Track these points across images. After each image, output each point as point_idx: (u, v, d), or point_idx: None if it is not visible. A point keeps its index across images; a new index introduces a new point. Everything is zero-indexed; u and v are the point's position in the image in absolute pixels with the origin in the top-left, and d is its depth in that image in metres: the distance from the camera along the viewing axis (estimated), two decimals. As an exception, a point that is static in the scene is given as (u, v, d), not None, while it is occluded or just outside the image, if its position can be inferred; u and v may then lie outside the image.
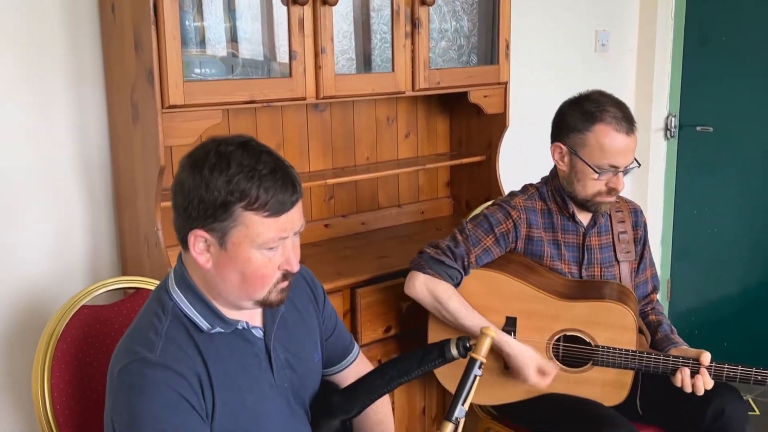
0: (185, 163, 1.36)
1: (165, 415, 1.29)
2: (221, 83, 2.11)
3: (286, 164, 1.37)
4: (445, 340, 1.49)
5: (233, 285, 1.38)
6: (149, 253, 2.13)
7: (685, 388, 2.01)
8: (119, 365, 1.34)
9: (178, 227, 1.38)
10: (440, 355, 1.49)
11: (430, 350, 1.50)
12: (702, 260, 3.83)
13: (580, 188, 2.14)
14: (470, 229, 2.16)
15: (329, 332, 1.65)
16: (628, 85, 3.72)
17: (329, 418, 1.56)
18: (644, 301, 2.32)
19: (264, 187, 1.32)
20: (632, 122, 2.10)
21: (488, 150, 2.90)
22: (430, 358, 1.49)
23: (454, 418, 1.42)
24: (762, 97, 3.51)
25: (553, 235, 2.20)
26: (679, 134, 3.78)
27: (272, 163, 1.34)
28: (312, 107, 2.63)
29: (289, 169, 1.37)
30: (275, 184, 1.33)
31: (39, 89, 2.12)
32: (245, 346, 1.44)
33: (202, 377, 1.35)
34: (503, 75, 2.73)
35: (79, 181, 2.21)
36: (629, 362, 2.05)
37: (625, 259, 2.26)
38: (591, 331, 2.08)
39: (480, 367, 1.44)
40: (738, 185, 3.64)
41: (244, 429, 1.40)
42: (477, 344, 1.45)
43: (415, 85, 2.49)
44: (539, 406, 2.14)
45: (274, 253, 1.37)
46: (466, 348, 1.47)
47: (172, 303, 1.40)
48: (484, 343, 1.45)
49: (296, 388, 1.52)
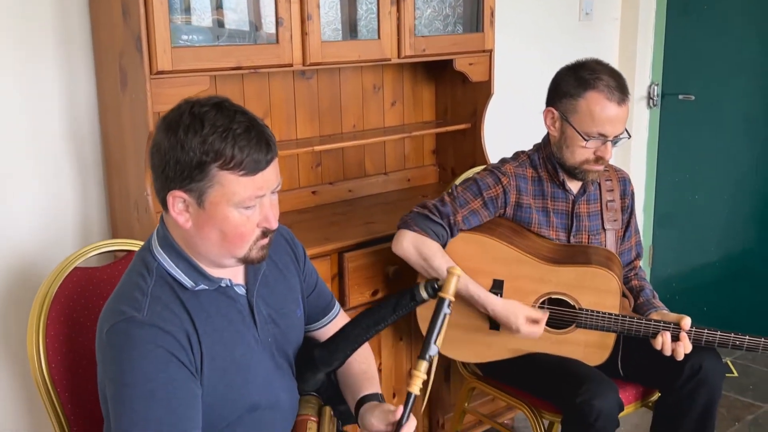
0: (160, 126, 1.39)
1: (155, 373, 1.32)
2: (208, 49, 2.12)
3: (261, 123, 1.39)
4: (415, 285, 1.53)
5: (214, 243, 1.41)
6: (139, 217, 2.15)
7: (665, 352, 2.06)
8: (107, 326, 1.36)
9: (157, 189, 1.41)
10: (412, 299, 1.52)
11: (403, 295, 1.53)
12: (683, 227, 3.89)
13: (568, 155, 2.17)
14: (459, 191, 2.20)
15: (310, 289, 1.69)
16: (611, 54, 3.75)
17: (313, 372, 1.61)
18: (627, 267, 2.37)
19: (239, 146, 1.34)
20: (625, 92, 2.12)
21: (473, 118, 2.93)
22: (403, 303, 1.53)
23: (428, 356, 1.46)
24: (742, 65, 3.56)
25: (543, 202, 2.24)
26: (661, 103, 3.83)
27: (246, 122, 1.36)
28: (299, 75, 2.65)
29: (263, 128, 1.39)
30: (249, 143, 1.35)
31: (27, 57, 2.12)
32: (229, 303, 1.48)
33: (189, 333, 1.39)
34: (488, 43, 2.76)
35: (68, 147, 2.23)
36: (611, 325, 2.10)
37: (612, 227, 2.30)
38: (575, 295, 2.13)
39: (449, 306, 1.47)
40: (719, 153, 3.69)
41: (232, 382, 1.44)
42: (444, 284, 1.48)
43: (400, 52, 2.51)
44: (523, 364, 2.19)
45: (252, 212, 1.40)
46: (434, 289, 1.50)
47: (156, 263, 1.43)
48: (452, 283, 1.48)
49: (280, 343, 1.56)
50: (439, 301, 1.49)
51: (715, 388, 2.12)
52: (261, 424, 1.50)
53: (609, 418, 1.99)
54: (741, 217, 3.68)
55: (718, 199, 3.74)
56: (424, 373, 1.47)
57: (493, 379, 2.35)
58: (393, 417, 1.48)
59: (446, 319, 1.49)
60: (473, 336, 2.21)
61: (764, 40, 3.48)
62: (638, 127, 3.83)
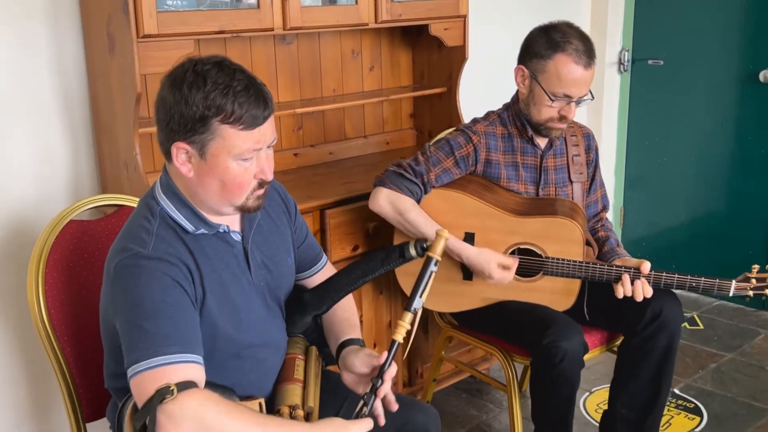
0: (165, 82, 1.49)
1: (161, 295, 1.43)
2: (192, 13, 2.21)
3: (259, 82, 1.51)
4: (405, 242, 1.64)
5: (214, 192, 1.52)
6: (129, 176, 2.25)
7: (626, 293, 2.20)
8: (114, 261, 1.47)
9: (162, 141, 1.52)
10: (401, 255, 1.64)
11: (392, 251, 1.66)
12: (653, 188, 4.03)
13: (535, 112, 2.29)
14: (432, 151, 2.32)
15: (300, 241, 1.81)
16: (583, 21, 3.86)
17: (302, 315, 1.73)
18: (594, 219, 2.50)
19: (238, 102, 1.45)
20: (592, 56, 2.24)
21: (449, 82, 3.03)
22: (391, 258, 1.65)
23: (413, 309, 1.59)
24: (709, 31, 3.68)
25: (513, 157, 2.36)
26: (631, 68, 3.95)
27: (246, 80, 1.48)
28: (279, 40, 2.74)
29: (261, 86, 1.50)
30: (248, 99, 1.46)
31: (17, 25, 2.21)
32: (226, 248, 1.59)
33: (191, 268, 1.50)
34: (462, 8, 2.86)
35: (59, 110, 2.32)
36: (576, 272, 2.24)
37: (578, 180, 2.43)
38: (542, 244, 2.26)
39: (435, 264, 1.60)
40: (686, 116, 3.82)
41: (228, 318, 1.56)
42: (433, 245, 1.61)
43: (377, 17, 2.61)
44: (495, 312, 2.33)
45: (250, 164, 1.51)
46: (423, 248, 1.63)
47: (159, 208, 1.54)
48: (439, 244, 1.60)
49: (271, 287, 1.68)
50: (427, 259, 1.61)
51: (675, 331, 2.26)
52: (254, 358, 1.62)
53: (574, 358, 2.13)
54: (708, 178, 3.81)
55: (685, 161, 3.87)
56: (408, 324, 1.60)
57: (467, 328, 2.49)
58: (376, 362, 1.60)
59: (432, 276, 1.61)
60: (448, 287, 2.34)
61: (729, 6, 3.60)
62: (610, 92, 3.96)
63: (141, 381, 1.39)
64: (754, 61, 3.54)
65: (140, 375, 1.39)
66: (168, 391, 1.35)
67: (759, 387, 3.00)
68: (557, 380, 2.14)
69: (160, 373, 1.38)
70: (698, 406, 2.88)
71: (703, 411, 2.85)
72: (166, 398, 1.35)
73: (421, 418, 1.75)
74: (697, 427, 2.76)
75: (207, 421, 1.36)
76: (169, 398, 1.35)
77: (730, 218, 3.77)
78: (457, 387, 3.01)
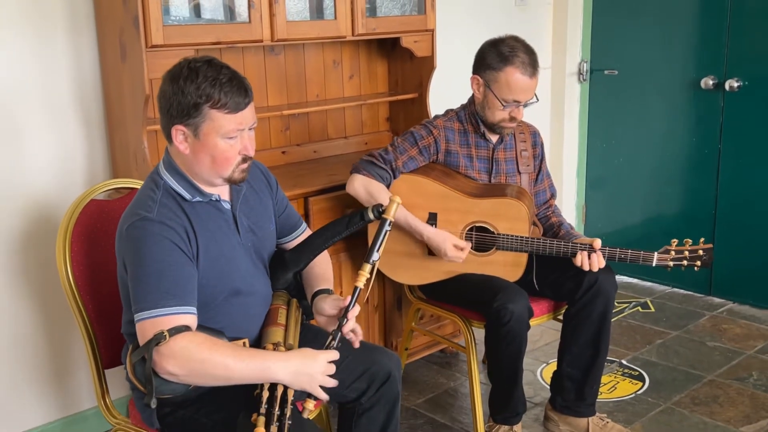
0: (165, 77, 1.86)
1: (162, 256, 1.78)
2: (193, 27, 2.58)
3: (240, 76, 1.86)
4: (364, 207, 2.01)
5: (206, 165, 1.86)
6: (137, 166, 2.61)
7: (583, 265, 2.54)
8: (126, 224, 1.82)
9: (163, 125, 1.87)
10: (361, 218, 2.00)
11: (354, 215, 2.02)
12: (611, 188, 4.40)
13: (489, 114, 2.67)
14: (399, 142, 2.69)
15: (281, 211, 2.16)
16: (545, 35, 4.24)
17: (284, 272, 2.08)
18: (545, 206, 2.86)
19: (224, 91, 1.80)
20: (536, 67, 2.62)
21: (420, 88, 3.41)
22: (354, 221, 2.01)
23: (371, 261, 1.94)
24: (659, 43, 4.05)
25: (468, 149, 2.73)
26: (590, 77, 4.33)
27: (230, 74, 1.83)
28: (268, 51, 3.11)
29: (242, 79, 1.85)
30: (232, 89, 1.81)
31: (41, 34, 2.57)
32: (218, 213, 1.94)
33: (188, 230, 1.85)
34: (430, 23, 3.24)
35: (76, 109, 2.68)
36: (523, 246, 2.59)
37: (525, 171, 2.80)
38: (494, 222, 2.62)
39: (389, 225, 1.95)
40: (640, 121, 4.19)
41: (221, 270, 1.91)
42: (387, 208, 1.96)
43: (354, 30, 2.98)
44: (455, 283, 2.68)
45: (235, 141, 1.85)
46: (379, 212, 1.98)
47: (162, 181, 1.90)
48: (393, 207, 1.96)
49: (257, 248, 2.03)
50: (382, 221, 1.97)
51: (609, 298, 2.61)
52: (243, 306, 1.96)
53: (520, 319, 2.48)
54: (661, 178, 4.16)
55: (639, 162, 4.23)
56: (367, 273, 1.94)
57: (433, 299, 2.84)
58: (342, 304, 1.95)
59: (386, 234, 1.96)
60: (414, 261, 2.70)
61: (676, 20, 3.98)
62: (570, 100, 4.34)
63: (143, 327, 1.74)
64: (696, 70, 3.91)
65: (143, 322, 1.75)
66: (162, 336, 1.70)
67: (698, 358, 3.36)
68: (506, 338, 2.49)
69: (159, 322, 1.73)
70: (642, 374, 3.24)
71: (645, 377, 3.20)
72: (160, 342, 1.70)
73: (385, 361, 2.08)
74: (639, 390, 3.11)
75: (192, 354, 1.71)
76: (163, 342, 1.70)
77: (685, 216, 4.10)
78: (428, 360, 3.36)
